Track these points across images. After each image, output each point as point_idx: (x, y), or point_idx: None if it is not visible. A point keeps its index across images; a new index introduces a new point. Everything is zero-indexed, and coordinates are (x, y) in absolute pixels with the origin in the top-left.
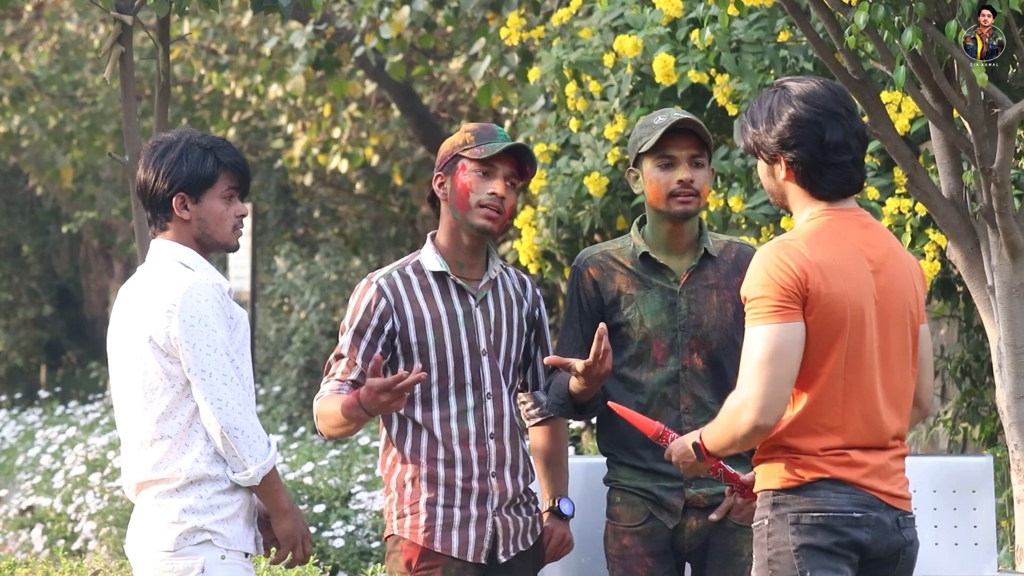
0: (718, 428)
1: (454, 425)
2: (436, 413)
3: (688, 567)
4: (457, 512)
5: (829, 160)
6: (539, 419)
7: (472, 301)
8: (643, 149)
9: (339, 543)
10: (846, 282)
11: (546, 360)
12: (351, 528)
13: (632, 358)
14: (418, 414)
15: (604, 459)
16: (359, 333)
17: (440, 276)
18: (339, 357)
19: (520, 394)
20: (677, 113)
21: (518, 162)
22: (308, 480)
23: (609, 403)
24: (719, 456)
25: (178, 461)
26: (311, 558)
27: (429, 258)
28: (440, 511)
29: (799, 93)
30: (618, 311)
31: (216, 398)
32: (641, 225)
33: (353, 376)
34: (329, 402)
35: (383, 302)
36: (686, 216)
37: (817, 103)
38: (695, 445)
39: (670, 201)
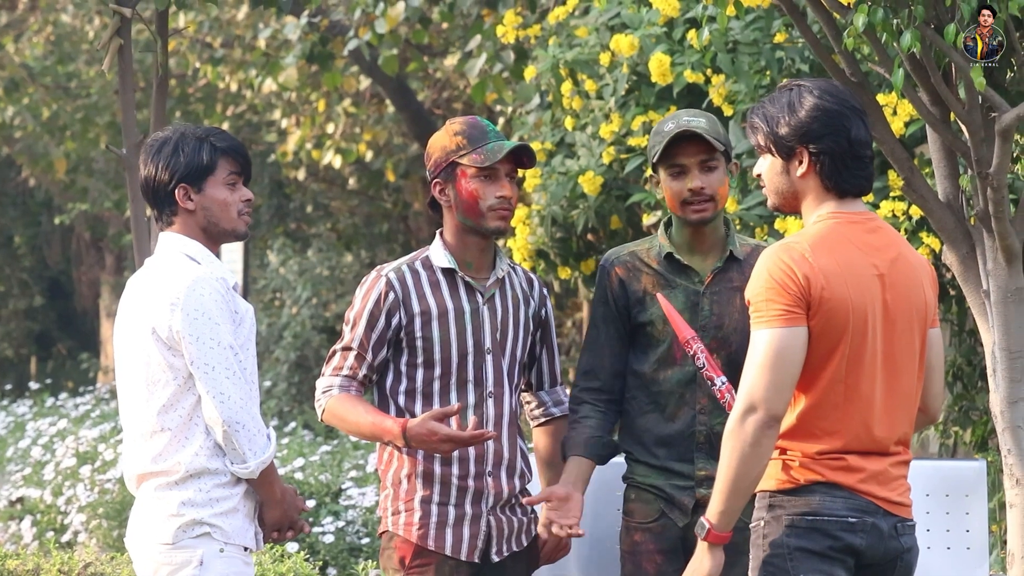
0: (719, 475)
1: (452, 422)
2: (436, 409)
3: None
4: (452, 510)
5: (855, 153)
6: (543, 420)
7: (480, 299)
8: (655, 159)
9: (329, 539)
10: (849, 287)
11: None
12: (341, 524)
13: (653, 357)
14: (418, 409)
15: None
16: (369, 326)
17: (449, 273)
18: (347, 349)
19: (524, 394)
20: (686, 118)
21: (515, 155)
22: (299, 475)
23: (658, 295)
24: (727, 528)
25: (178, 454)
26: (301, 554)
27: (438, 254)
28: (435, 508)
29: (819, 86)
30: (643, 310)
31: (219, 392)
32: (668, 225)
33: (363, 372)
34: (351, 408)
35: (391, 295)
36: (702, 223)
37: (840, 96)
38: (698, 526)
39: (685, 209)
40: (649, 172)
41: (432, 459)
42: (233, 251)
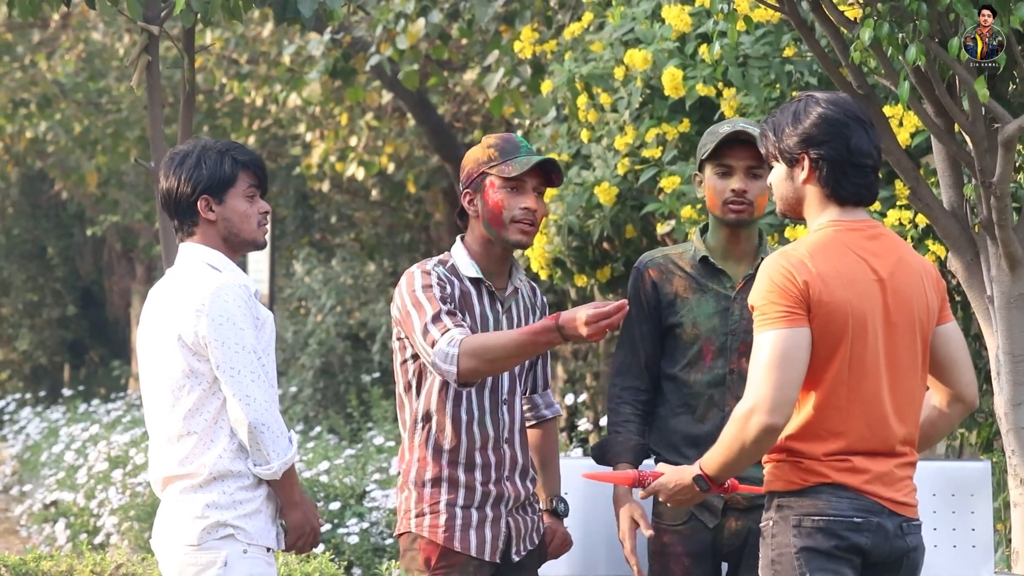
0: (722, 445)
1: (476, 429)
2: (458, 415)
3: (724, 566)
4: (475, 513)
5: (854, 161)
6: (535, 422)
7: (500, 308)
8: (704, 156)
9: (354, 539)
10: (848, 291)
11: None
12: (365, 525)
13: (683, 359)
14: (438, 414)
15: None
16: (442, 300)
17: (476, 282)
18: (435, 317)
19: None
20: (742, 123)
21: (544, 172)
22: (324, 478)
23: (583, 474)
24: (725, 480)
25: (202, 457)
26: (326, 555)
27: (464, 263)
28: (459, 512)
29: (826, 97)
30: (673, 313)
31: (245, 394)
32: (704, 231)
33: (469, 322)
34: (488, 336)
35: (444, 284)
36: (739, 224)
37: (845, 107)
38: (697, 478)
39: (724, 208)
40: (671, 177)
41: (456, 465)
42: (260, 261)
